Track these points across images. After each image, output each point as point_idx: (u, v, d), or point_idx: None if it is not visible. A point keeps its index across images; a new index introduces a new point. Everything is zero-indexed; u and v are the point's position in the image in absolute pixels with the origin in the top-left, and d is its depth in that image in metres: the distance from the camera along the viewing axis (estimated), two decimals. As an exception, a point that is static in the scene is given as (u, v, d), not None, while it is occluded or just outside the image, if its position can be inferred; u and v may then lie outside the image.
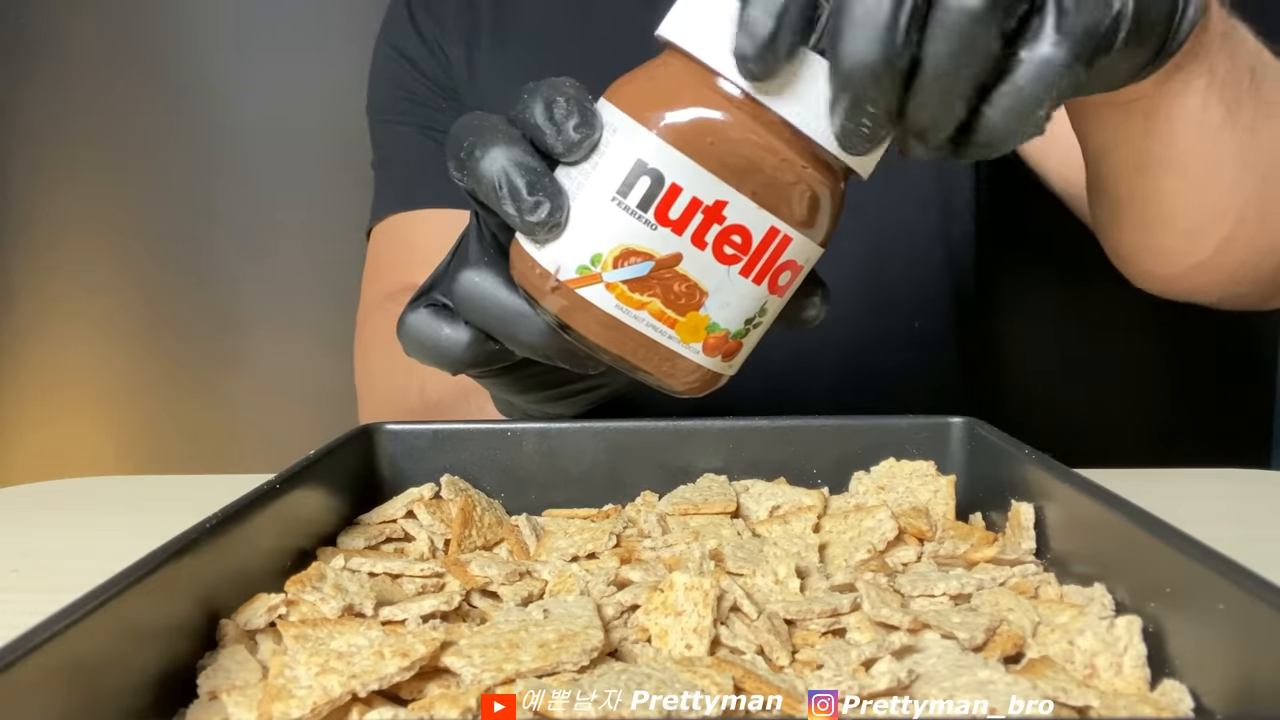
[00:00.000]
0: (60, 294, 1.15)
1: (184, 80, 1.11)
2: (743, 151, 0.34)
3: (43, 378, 1.18)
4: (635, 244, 0.35)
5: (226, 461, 1.16)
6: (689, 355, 0.37)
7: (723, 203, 0.34)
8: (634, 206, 0.34)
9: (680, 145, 0.34)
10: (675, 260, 0.35)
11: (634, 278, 0.35)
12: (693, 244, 0.35)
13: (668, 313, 0.36)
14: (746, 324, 0.37)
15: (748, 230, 0.35)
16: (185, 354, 1.16)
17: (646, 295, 0.35)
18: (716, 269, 0.35)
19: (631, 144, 0.34)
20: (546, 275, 0.36)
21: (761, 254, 0.36)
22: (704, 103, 0.34)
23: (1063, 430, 0.93)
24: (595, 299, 0.36)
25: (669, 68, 0.35)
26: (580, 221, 0.35)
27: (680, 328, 0.36)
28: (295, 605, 0.34)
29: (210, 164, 1.11)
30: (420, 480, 0.46)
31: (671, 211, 0.34)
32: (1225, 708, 0.28)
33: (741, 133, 0.34)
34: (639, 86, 0.36)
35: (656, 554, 0.40)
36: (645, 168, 0.34)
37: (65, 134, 1.11)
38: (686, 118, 0.34)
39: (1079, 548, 0.37)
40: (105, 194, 1.13)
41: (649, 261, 0.35)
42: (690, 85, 0.34)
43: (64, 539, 0.51)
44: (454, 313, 0.40)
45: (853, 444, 0.47)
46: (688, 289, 0.36)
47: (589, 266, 0.35)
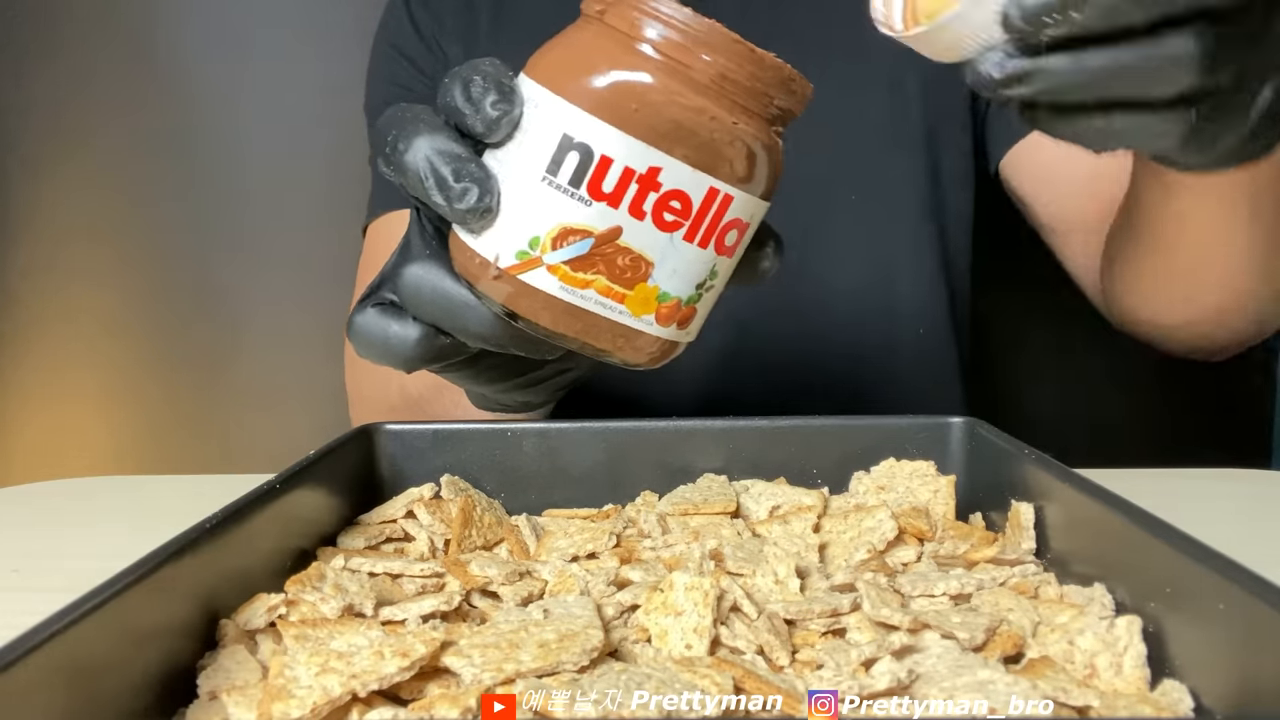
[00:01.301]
0: (60, 294, 1.15)
1: (184, 80, 1.11)
2: (670, 114, 0.33)
3: (42, 377, 1.18)
4: (572, 222, 0.33)
5: (226, 461, 1.16)
6: (643, 328, 0.36)
7: (656, 169, 0.33)
8: (565, 184, 0.33)
9: (604, 115, 0.33)
10: (615, 234, 0.34)
11: (575, 257, 0.34)
12: (631, 215, 0.34)
13: (615, 288, 0.35)
14: (698, 289, 0.36)
15: (686, 195, 0.34)
16: (185, 354, 1.16)
17: (590, 273, 0.34)
18: (659, 238, 0.34)
19: (555, 118, 0.33)
20: (486, 264, 0.35)
21: (704, 217, 0.34)
22: (623, 66, 0.33)
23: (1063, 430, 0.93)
24: (538, 283, 0.34)
25: (584, 33, 0.34)
26: (513, 205, 0.34)
27: (630, 301, 0.35)
28: (295, 605, 0.34)
29: (211, 163, 1.11)
30: (420, 480, 0.46)
31: (605, 184, 0.33)
32: (1225, 708, 0.28)
33: (666, 95, 0.33)
34: (556, 56, 0.34)
35: (656, 554, 0.40)
36: (572, 142, 0.33)
37: (65, 133, 1.11)
38: (606, 84, 0.33)
39: (1079, 548, 0.37)
40: (105, 193, 1.13)
41: (589, 239, 0.34)
42: (607, 50, 0.33)
43: (64, 539, 0.51)
44: (402, 310, 0.39)
45: (853, 444, 0.47)
46: (632, 261, 0.34)
47: (528, 250, 0.34)
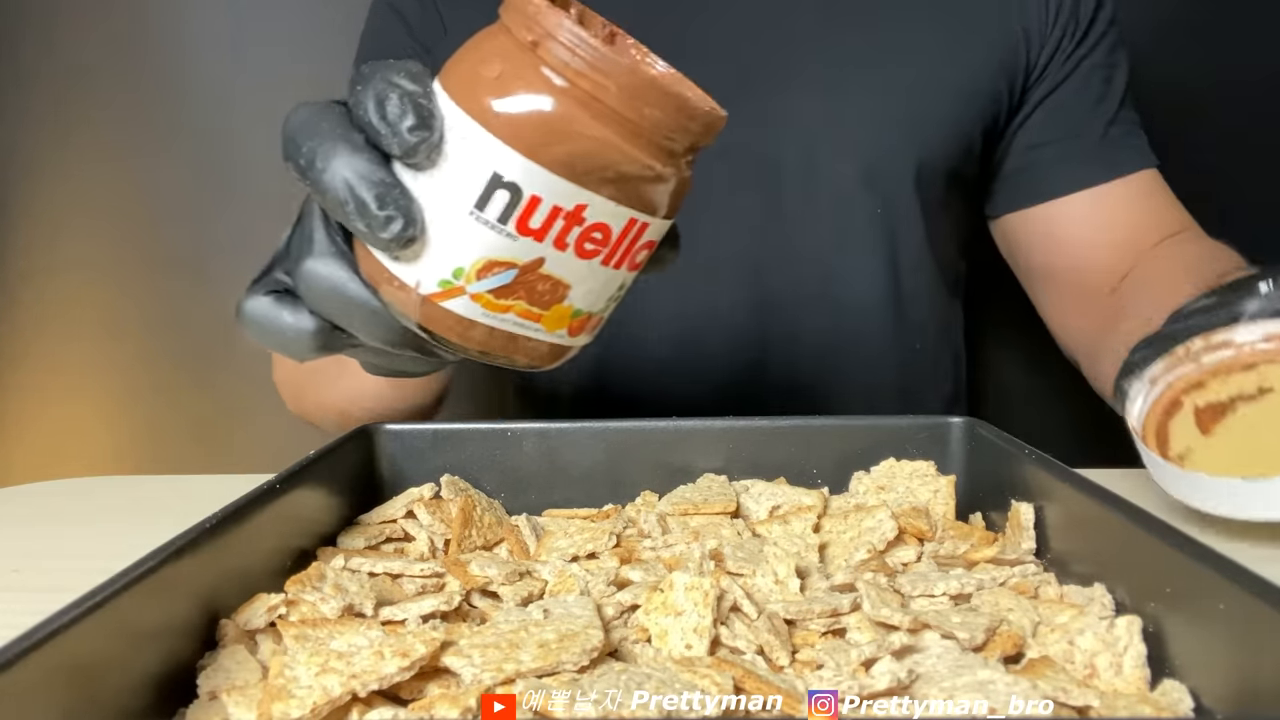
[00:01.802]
0: (60, 294, 1.15)
1: (184, 79, 1.11)
2: (586, 150, 0.33)
3: (42, 377, 1.18)
4: (498, 256, 0.34)
5: (226, 461, 1.16)
6: (554, 340, 0.37)
7: (582, 206, 0.33)
8: (494, 220, 0.33)
9: (532, 155, 0.32)
10: (538, 265, 0.34)
11: (499, 286, 0.34)
12: (554, 248, 0.34)
13: (533, 310, 0.35)
14: (608, 301, 0.37)
15: (608, 226, 0.34)
16: (185, 354, 1.16)
17: (511, 299, 0.35)
18: (579, 265, 0.34)
19: (483, 155, 0.33)
20: (406, 287, 0.34)
21: (621, 243, 0.35)
22: (552, 109, 0.32)
23: (1063, 430, 0.93)
24: (459, 309, 0.34)
25: (505, 54, 0.33)
26: (439, 235, 0.34)
27: (545, 320, 0.36)
28: (295, 605, 0.34)
29: (211, 163, 1.11)
30: (420, 480, 0.46)
31: (532, 221, 0.33)
32: (1225, 708, 0.28)
33: (581, 128, 0.32)
34: (478, 83, 0.33)
35: (656, 554, 0.40)
36: (501, 180, 0.33)
37: (65, 133, 1.11)
38: (536, 125, 0.32)
39: (1079, 548, 0.37)
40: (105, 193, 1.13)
41: (513, 269, 0.34)
42: (529, 80, 0.32)
43: (64, 539, 0.51)
44: (297, 300, 0.37)
45: (853, 444, 0.47)
46: (552, 286, 0.35)
47: (451, 280, 0.34)
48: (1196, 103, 0.98)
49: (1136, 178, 0.73)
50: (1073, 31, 0.72)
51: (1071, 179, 0.73)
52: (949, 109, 0.71)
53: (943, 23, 0.71)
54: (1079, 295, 0.74)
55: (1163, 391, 0.42)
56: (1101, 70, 0.73)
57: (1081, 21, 0.72)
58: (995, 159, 0.76)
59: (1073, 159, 0.73)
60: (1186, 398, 0.43)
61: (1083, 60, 0.72)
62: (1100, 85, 0.73)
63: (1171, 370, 0.43)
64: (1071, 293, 0.75)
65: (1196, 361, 0.43)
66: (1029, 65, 0.72)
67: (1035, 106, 0.73)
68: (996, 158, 0.76)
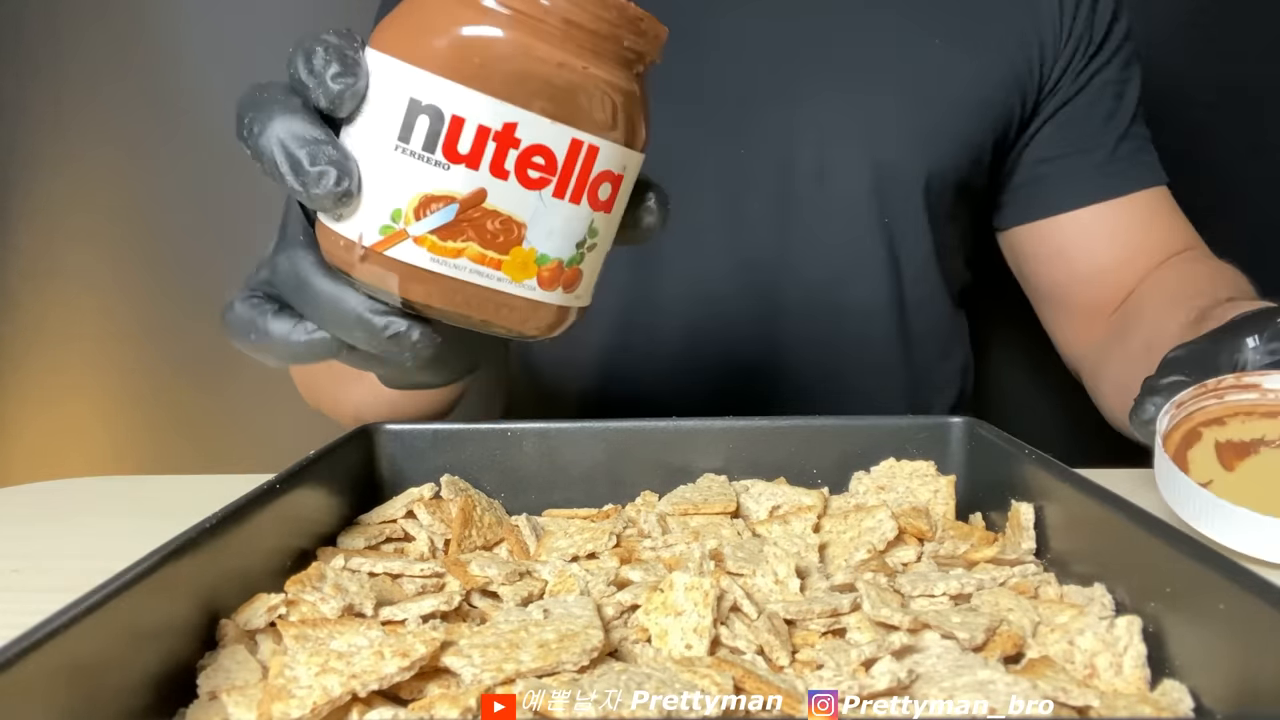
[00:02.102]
0: (60, 294, 1.15)
1: (185, 80, 1.11)
2: (517, 65, 0.31)
3: (42, 378, 1.18)
4: (432, 189, 0.32)
5: (226, 461, 1.16)
6: (526, 294, 0.35)
7: (512, 125, 0.32)
8: (419, 150, 0.32)
9: (448, 73, 0.31)
10: (480, 197, 0.32)
11: (441, 225, 0.33)
12: (493, 175, 0.32)
13: (489, 254, 0.33)
14: (579, 248, 0.35)
15: (549, 149, 0.33)
16: (185, 354, 1.16)
17: (460, 240, 0.33)
18: (527, 197, 0.33)
19: (399, 84, 0.32)
20: (351, 245, 0.33)
21: (570, 170, 0.33)
22: (464, 21, 0.32)
23: (1063, 430, 0.93)
24: (407, 256, 0.33)
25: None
26: (371, 180, 0.33)
27: (507, 267, 0.34)
28: (295, 605, 0.34)
29: (212, 163, 1.11)
30: (420, 480, 0.46)
31: (460, 146, 0.32)
32: (1225, 708, 0.28)
33: (512, 46, 0.31)
34: (396, 23, 0.33)
35: (656, 554, 0.40)
36: (420, 105, 0.31)
37: (65, 134, 1.11)
38: (448, 42, 0.31)
39: (1079, 548, 0.37)
40: (105, 194, 1.13)
41: (453, 204, 0.32)
42: (448, 8, 0.32)
43: (64, 539, 0.51)
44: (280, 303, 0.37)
45: (853, 444, 0.47)
46: (503, 224, 0.33)
47: (391, 224, 0.33)
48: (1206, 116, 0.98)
49: (1144, 195, 0.73)
50: (1086, 46, 0.72)
51: (1079, 194, 0.73)
52: (961, 122, 0.71)
53: (958, 35, 0.71)
54: (1083, 311, 0.74)
55: (1182, 420, 0.42)
56: (1113, 85, 0.73)
57: (1095, 36, 0.72)
58: (1004, 171, 0.76)
59: (1081, 174, 0.73)
60: (1207, 430, 0.43)
61: (1095, 75, 0.72)
62: (1111, 101, 0.73)
63: (1195, 400, 0.44)
64: (1075, 308, 0.75)
65: (1220, 398, 0.44)
66: (1041, 79, 0.72)
67: (1046, 120, 0.73)
68: (1005, 170, 0.75)
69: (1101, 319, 0.73)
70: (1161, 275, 0.70)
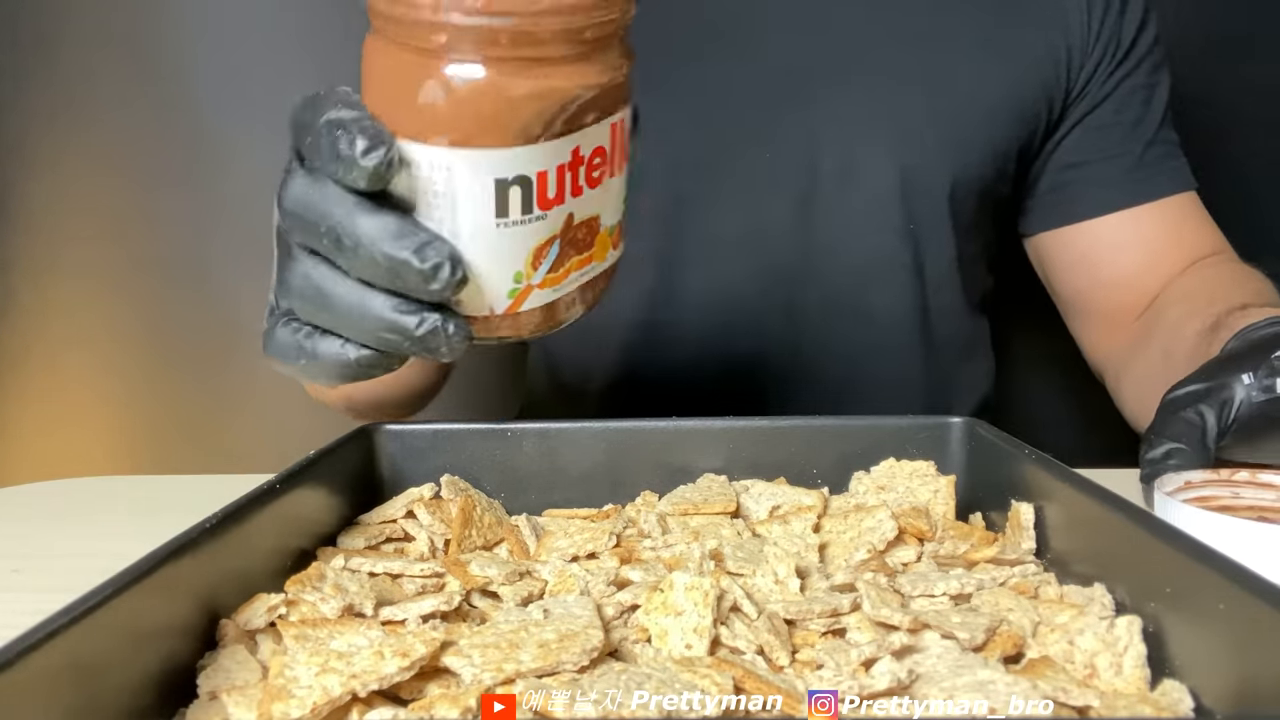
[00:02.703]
0: (60, 294, 1.15)
1: (186, 82, 1.10)
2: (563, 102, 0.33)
3: (43, 378, 1.18)
4: (539, 240, 0.35)
5: (226, 461, 1.16)
6: (609, 265, 0.39)
7: (575, 147, 0.34)
8: (520, 217, 0.34)
9: (522, 141, 0.33)
10: (570, 221, 0.35)
11: (553, 261, 0.35)
12: (574, 197, 0.35)
13: (584, 256, 0.37)
14: (624, 203, 0.39)
15: (601, 146, 0.35)
16: (186, 354, 1.16)
17: (566, 262, 0.36)
18: (595, 195, 0.36)
19: (475, 168, 0.33)
20: (485, 319, 0.36)
21: (615, 149, 0.36)
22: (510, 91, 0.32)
23: (1063, 430, 0.92)
24: (535, 303, 0.36)
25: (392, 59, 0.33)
26: (481, 259, 0.34)
27: (595, 255, 0.37)
28: (295, 605, 0.34)
29: (212, 163, 1.11)
30: (420, 480, 0.46)
31: (548, 193, 0.34)
32: (1225, 708, 0.28)
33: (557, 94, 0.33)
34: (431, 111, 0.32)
35: (656, 554, 0.40)
36: (508, 181, 0.33)
37: (65, 134, 1.11)
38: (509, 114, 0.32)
39: (1079, 548, 0.37)
40: (106, 194, 1.12)
41: (555, 241, 0.35)
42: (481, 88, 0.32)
43: (64, 539, 0.51)
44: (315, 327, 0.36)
45: (853, 444, 0.47)
46: (587, 227, 0.36)
47: (516, 287, 0.35)
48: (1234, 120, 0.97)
49: (1172, 201, 0.72)
50: (1114, 52, 0.71)
51: (1105, 201, 0.72)
52: (988, 129, 0.70)
53: (986, 41, 0.70)
54: (1108, 316, 0.74)
55: (1193, 500, 0.43)
56: (1142, 91, 0.72)
57: (1124, 42, 0.71)
58: (1030, 177, 0.75)
59: (1108, 181, 0.72)
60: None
61: (1123, 81, 0.72)
62: (1139, 106, 0.72)
63: (1208, 485, 0.45)
64: (1100, 314, 0.75)
65: (1234, 490, 0.45)
66: (1069, 85, 0.72)
67: (1073, 126, 0.73)
68: (1032, 176, 0.75)
69: (1126, 324, 0.73)
70: (1184, 281, 0.70)
